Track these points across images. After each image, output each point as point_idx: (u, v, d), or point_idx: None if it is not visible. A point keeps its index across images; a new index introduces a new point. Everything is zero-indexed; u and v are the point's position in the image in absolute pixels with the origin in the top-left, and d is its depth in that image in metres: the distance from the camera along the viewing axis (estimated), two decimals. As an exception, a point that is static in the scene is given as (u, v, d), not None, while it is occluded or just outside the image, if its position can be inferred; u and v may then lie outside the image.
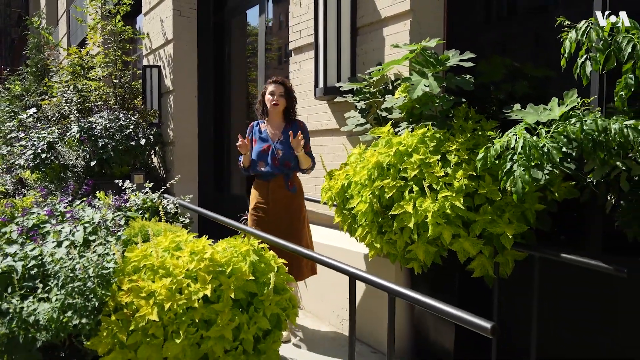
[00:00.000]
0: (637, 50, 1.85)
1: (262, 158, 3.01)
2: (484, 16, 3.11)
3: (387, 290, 1.57)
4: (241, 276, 2.17)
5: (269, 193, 3.00)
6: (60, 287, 2.08)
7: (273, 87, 3.03)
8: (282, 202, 3.00)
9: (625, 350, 2.22)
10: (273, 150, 2.98)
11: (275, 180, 3.00)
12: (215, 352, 2.04)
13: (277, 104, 3.01)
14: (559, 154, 1.86)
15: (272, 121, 3.09)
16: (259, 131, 3.10)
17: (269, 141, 3.02)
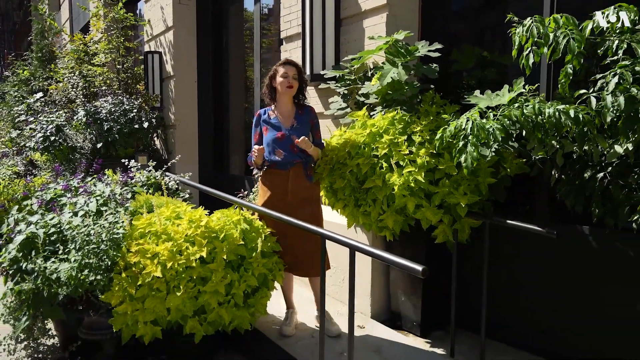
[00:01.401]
0: (571, 44, 2.14)
1: (278, 146, 2.76)
2: (457, 8, 3.38)
3: (348, 246, 1.91)
4: (233, 241, 2.51)
5: (288, 182, 2.76)
6: (77, 250, 2.43)
7: (285, 69, 2.78)
8: (302, 192, 2.78)
9: (563, 303, 2.56)
10: (288, 137, 2.75)
11: (295, 169, 2.77)
12: (211, 304, 2.40)
13: (291, 86, 2.77)
14: (502, 134, 2.17)
15: (283, 106, 2.85)
16: (269, 118, 2.85)
17: (282, 128, 2.79)
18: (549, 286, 2.63)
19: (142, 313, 2.35)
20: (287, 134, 2.77)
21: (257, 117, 2.93)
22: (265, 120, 2.87)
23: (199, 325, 2.43)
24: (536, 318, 2.69)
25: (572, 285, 2.53)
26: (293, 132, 2.77)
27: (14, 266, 2.52)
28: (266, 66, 5.17)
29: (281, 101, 2.86)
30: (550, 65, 2.59)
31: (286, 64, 2.82)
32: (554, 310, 2.61)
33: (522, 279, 2.76)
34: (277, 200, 2.76)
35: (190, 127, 6.13)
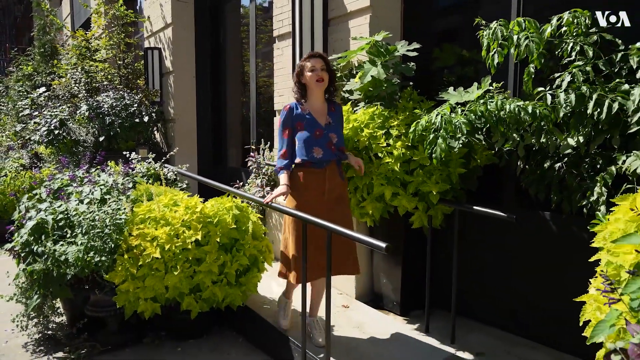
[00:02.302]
0: (530, 46, 2.36)
1: (317, 144, 2.59)
2: (438, 9, 3.58)
3: (326, 228, 2.14)
4: (225, 225, 2.74)
5: (325, 181, 2.61)
6: (83, 234, 2.66)
7: (313, 62, 2.60)
8: (336, 191, 2.66)
9: (526, 283, 2.80)
10: (326, 135, 2.61)
11: (330, 168, 2.64)
12: (205, 283, 2.64)
13: (322, 80, 2.60)
14: (467, 127, 2.39)
15: (314, 102, 2.66)
16: (303, 114, 2.64)
17: (319, 125, 2.62)
18: (514, 267, 2.86)
19: (142, 291, 2.59)
20: (324, 132, 2.61)
21: (288, 112, 2.64)
22: (300, 116, 2.63)
23: (194, 302, 2.68)
24: (503, 296, 2.93)
25: (534, 267, 2.76)
26: (329, 129, 2.63)
27: (26, 249, 2.75)
28: (262, 62, 5.38)
29: (312, 97, 2.66)
30: (517, 64, 2.81)
31: (312, 57, 2.64)
32: (519, 289, 2.85)
33: (490, 262, 2.99)
34: (313, 199, 2.60)
35: (189, 121, 6.35)
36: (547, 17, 2.44)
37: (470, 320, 3.04)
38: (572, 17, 2.34)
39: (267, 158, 4.54)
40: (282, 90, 4.22)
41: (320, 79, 2.60)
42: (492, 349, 2.66)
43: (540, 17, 2.51)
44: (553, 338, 2.68)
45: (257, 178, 4.52)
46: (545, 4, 2.90)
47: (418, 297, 3.15)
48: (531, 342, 2.74)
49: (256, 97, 5.38)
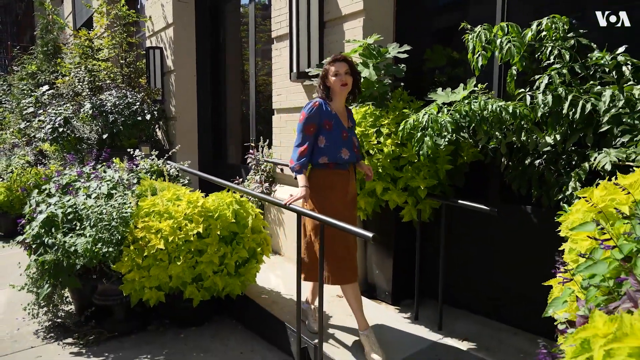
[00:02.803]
0: (511, 50, 2.51)
1: (344, 145, 2.60)
2: (430, 12, 3.73)
3: (320, 220, 2.30)
4: (225, 219, 2.90)
5: (349, 183, 2.66)
6: (92, 226, 2.82)
7: (336, 66, 2.60)
8: (353, 192, 2.73)
9: (510, 273, 2.96)
10: (350, 138, 2.65)
11: (351, 169, 2.70)
12: (206, 272, 2.80)
13: (346, 84, 2.60)
14: (452, 126, 2.55)
15: (337, 104, 2.66)
16: (331, 113, 2.62)
17: (344, 127, 2.63)
18: (498, 259, 3.02)
19: (147, 280, 2.75)
20: (349, 134, 2.65)
21: (317, 109, 2.59)
22: (328, 114, 2.61)
23: (196, 290, 2.84)
24: (487, 286, 3.09)
25: (516, 258, 2.92)
26: (350, 132, 2.68)
27: (37, 241, 2.91)
28: (262, 60, 5.52)
29: (336, 100, 2.66)
30: (501, 66, 2.96)
31: (336, 61, 2.63)
32: (502, 279, 3.01)
33: (475, 253, 3.15)
34: (338, 201, 2.62)
35: (189, 119, 6.50)
36: (536, 18, 2.58)
37: (457, 309, 3.20)
38: (550, 22, 2.49)
39: (266, 155, 4.70)
40: (280, 89, 4.37)
41: (345, 84, 2.60)
42: (476, 335, 2.82)
43: (529, 18, 2.66)
44: (533, 324, 2.83)
45: (256, 174, 4.68)
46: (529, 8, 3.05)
47: (408, 287, 3.31)
48: (513, 329, 2.90)
49: (255, 95, 5.53)
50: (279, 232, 4.50)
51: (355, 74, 2.68)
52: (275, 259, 4.35)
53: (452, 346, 2.70)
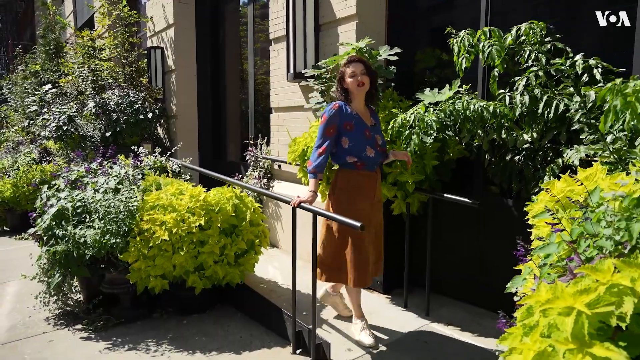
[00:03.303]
0: (492, 53, 2.69)
1: (368, 143, 2.63)
2: (420, 15, 3.90)
3: (311, 211, 2.49)
4: (226, 213, 3.09)
5: (376, 183, 2.70)
6: (100, 219, 3.00)
7: (352, 68, 2.65)
8: (379, 197, 2.76)
9: (492, 262, 3.14)
10: (373, 137, 2.67)
11: (378, 170, 2.74)
12: (208, 262, 2.98)
13: (363, 83, 2.63)
14: (438, 124, 2.73)
15: (357, 105, 2.70)
16: (352, 114, 2.65)
17: (366, 126, 2.66)
18: (482, 249, 3.21)
19: (153, 269, 2.94)
20: (372, 133, 2.67)
21: (337, 110, 2.63)
22: (349, 115, 2.64)
23: (198, 279, 3.02)
24: (472, 275, 3.28)
25: (498, 248, 3.11)
26: (374, 131, 2.70)
27: (49, 233, 3.09)
28: (261, 60, 5.69)
29: (355, 100, 2.69)
30: (485, 68, 3.13)
31: (351, 62, 2.68)
32: (486, 268, 3.19)
33: (461, 244, 3.33)
34: (367, 204, 2.65)
35: (190, 117, 6.68)
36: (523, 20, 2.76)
37: (444, 297, 3.39)
38: (529, 27, 2.67)
39: (264, 152, 4.88)
40: (278, 89, 4.55)
41: (361, 83, 2.63)
42: (460, 320, 3.01)
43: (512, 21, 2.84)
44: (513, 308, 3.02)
45: (254, 171, 4.86)
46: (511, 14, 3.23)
47: (399, 277, 3.50)
48: (494, 313, 3.09)
49: (254, 94, 5.70)
50: (277, 226, 4.69)
51: (372, 74, 2.70)
52: (273, 251, 4.54)
53: (437, 330, 2.89)
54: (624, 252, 1.24)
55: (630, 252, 1.23)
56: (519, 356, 1.13)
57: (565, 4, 3.01)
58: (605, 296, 1.04)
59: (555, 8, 3.06)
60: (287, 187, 4.30)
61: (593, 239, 1.29)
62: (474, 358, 2.60)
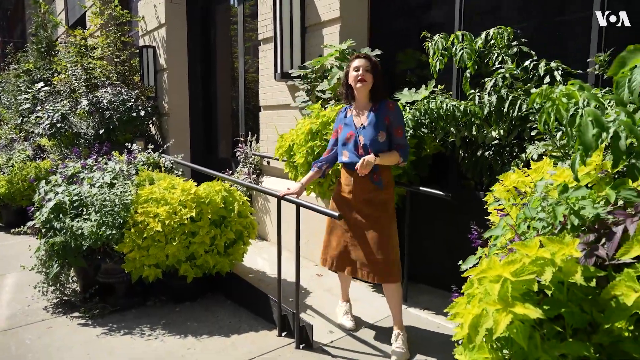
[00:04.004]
0: (463, 56, 2.89)
1: (345, 147, 2.67)
2: (401, 19, 4.09)
3: (295, 203, 2.68)
4: (215, 205, 3.27)
5: (351, 185, 2.69)
6: (96, 212, 3.17)
7: (357, 62, 2.62)
8: (366, 195, 2.66)
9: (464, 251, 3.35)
10: (356, 138, 2.63)
11: None
12: (199, 252, 3.17)
13: (364, 79, 2.58)
14: (413, 122, 2.93)
15: (359, 103, 2.68)
16: (345, 117, 2.73)
17: (352, 127, 2.66)
18: (456, 239, 3.41)
19: (147, 258, 3.12)
20: (355, 134, 2.64)
21: (337, 116, 2.85)
22: (341, 120, 2.75)
23: (190, 268, 3.21)
24: (448, 264, 3.48)
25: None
26: (362, 131, 2.63)
27: (47, 225, 3.26)
28: (252, 58, 5.85)
29: (358, 98, 2.68)
30: (459, 69, 3.34)
31: (357, 58, 2.65)
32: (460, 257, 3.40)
33: (437, 235, 3.54)
34: (344, 196, 2.75)
35: (182, 115, 6.83)
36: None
37: (423, 284, 3.61)
38: (497, 32, 2.88)
39: (254, 149, 5.06)
40: (266, 88, 4.73)
41: (362, 79, 2.58)
42: (435, 305, 3.23)
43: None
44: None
45: (244, 167, 5.04)
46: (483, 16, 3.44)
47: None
48: (469, 299, 3.31)
49: (245, 92, 5.87)
50: (266, 220, 4.87)
51: (377, 73, 2.63)
52: (263, 244, 4.73)
53: (412, 313, 3.10)
54: (555, 231, 1.45)
55: (560, 231, 1.44)
56: (461, 319, 1.34)
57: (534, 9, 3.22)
58: (529, 266, 1.24)
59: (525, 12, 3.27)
60: (276, 182, 4.49)
61: (530, 221, 1.49)
62: (444, 334, 2.82)
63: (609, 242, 1.31)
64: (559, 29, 3.00)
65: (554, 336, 1.29)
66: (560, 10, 2.99)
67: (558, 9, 3.01)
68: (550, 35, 3.03)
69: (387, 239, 2.66)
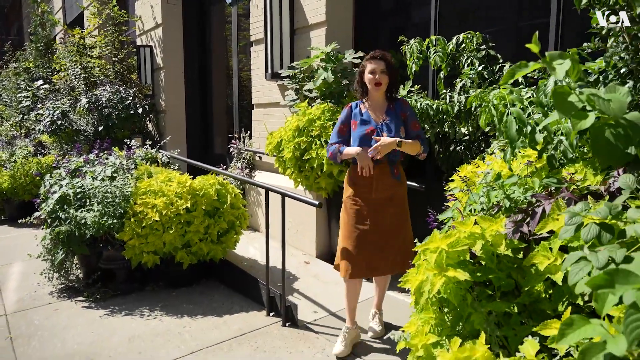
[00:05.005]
0: (436, 59, 3.15)
1: (365, 143, 2.61)
2: (384, 22, 4.35)
3: (280, 193, 2.94)
4: (209, 197, 3.52)
5: (373, 181, 2.62)
6: (98, 203, 3.43)
7: (373, 65, 2.62)
8: (387, 191, 2.65)
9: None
10: (378, 134, 2.61)
11: (380, 167, 2.63)
12: (194, 240, 3.43)
13: (380, 84, 2.61)
14: (390, 120, 3.19)
15: (374, 101, 2.69)
16: (360, 113, 2.69)
17: (372, 123, 2.64)
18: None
19: (146, 245, 3.37)
20: (377, 130, 2.63)
21: (347, 110, 2.73)
22: (356, 115, 2.70)
23: (186, 255, 3.47)
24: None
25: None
26: (384, 127, 2.63)
27: (53, 215, 3.51)
28: (245, 58, 6.09)
29: (372, 96, 2.69)
30: (434, 71, 3.60)
31: (373, 58, 2.65)
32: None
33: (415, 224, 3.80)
34: (361, 197, 2.65)
35: (178, 112, 7.07)
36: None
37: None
38: (466, 37, 3.14)
39: (247, 145, 5.31)
40: (258, 87, 4.97)
41: (379, 83, 2.60)
42: (412, 288, 3.50)
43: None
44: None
45: (238, 162, 5.29)
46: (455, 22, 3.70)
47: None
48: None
49: (239, 90, 6.12)
50: (258, 212, 5.14)
51: (392, 71, 2.65)
52: (255, 234, 4.99)
53: (391, 295, 3.37)
54: (492, 212, 1.71)
55: (496, 212, 1.70)
56: (409, 284, 1.61)
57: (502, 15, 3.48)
58: (463, 239, 1.51)
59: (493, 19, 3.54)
60: (267, 176, 4.75)
61: (473, 204, 1.76)
62: (420, 317, 3.08)
63: (532, 220, 1.57)
64: (523, 34, 3.26)
65: (486, 298, 1.56)
66: (524, 16, 3.25)
67: (522, 15, 3.27)
68: (516, 39, 3.29)
69: (405, 233, 2.72)
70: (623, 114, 1.02)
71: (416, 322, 1.63)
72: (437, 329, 1.56)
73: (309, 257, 4.22)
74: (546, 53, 1.16)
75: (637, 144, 1.10)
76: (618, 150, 1.04)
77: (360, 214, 2.65)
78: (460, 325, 1.53)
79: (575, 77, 1.08)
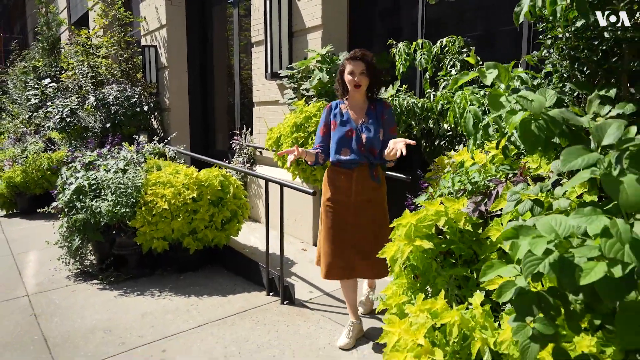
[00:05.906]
0: (422, 61, 3.45)
1: (345, 144, 2.60)
2: (377, 25, 4.64)
3: (278, 183, 3.24)
4: (214, 187, 3.83)
5: (352, 184, 2.62)
6: (112, 193, 3.73)
7: (352, 66, 2.59)
8: (367, 193, 2.64)
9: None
10: (358, 135, 2.60)
11: (360, 169, 2.62)
12: (200, 227, 3.73)
13: (359, 85, 2.60)
14: (379, 117, 3.48)
15: (354, 101, 2.68)
16: (340, 113, 2.67)
17: (352, 124, 2.62)
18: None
19: (156, 232, 3.68)
20: (357, 132, 2.61)
21: (327, 110, 2.73)
22: (335, 115, 2.68)
23: (192, 241, 3.77)
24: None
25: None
26: (363, 129, 2.62)
27: (69, 205, 3.81)
28: (246, 57, 6.38)
29: (352, 96, 2.69)
30: (421, 72, 3.89)
31: (353, 59, 2.61)
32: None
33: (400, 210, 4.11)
34: (341, 199, 2.65)
35: (182, 110, 7.37)
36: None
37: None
38: (449, 41, 3.43)
39: (248, 141, 5.61)
40: (259, 85, 5.27)
41: (358, 85, 2.59)
42: (401, 271, 3.80)
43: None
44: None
45: (239, 157, 5.59)
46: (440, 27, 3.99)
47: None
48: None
49: (240, 88, 6.41)
50: (259, 204, 5.44)
51: (373, 72, 2.63)
52: (256, 225, 5.30)
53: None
54: (458, 195, 2.01)
55: (461, 195, 2.01)
56: (387, 254, 1.91)
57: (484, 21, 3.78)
58: (430, 216, 1.81)
59: (476, 24, 3.83)
60: (267, 170, 5.04)
61: (443, 189, 2.06)
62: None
63: (489, 200, 1.88)
64: (501, 38, 3.56)
65: (450, 265, 1.86)
66: (503, 22, 3.54)
67: (502, 20, 3.57)
68: (495, 42, 3.58)
69: (384, 236, 2.48)
70: (541, 111, 1.31)
71: (392, 287, 1.93)
72: (409, 292, 1.87)
73: (306, 244, 4.53)
74: (485, 63, 1.45)
75: (559, 134, 1.39)
76: (541, 140, 1.33)
77: (340, 216, 2.65)
78: (428, 288, 1.83)
79: (506, 83, 1.37)
